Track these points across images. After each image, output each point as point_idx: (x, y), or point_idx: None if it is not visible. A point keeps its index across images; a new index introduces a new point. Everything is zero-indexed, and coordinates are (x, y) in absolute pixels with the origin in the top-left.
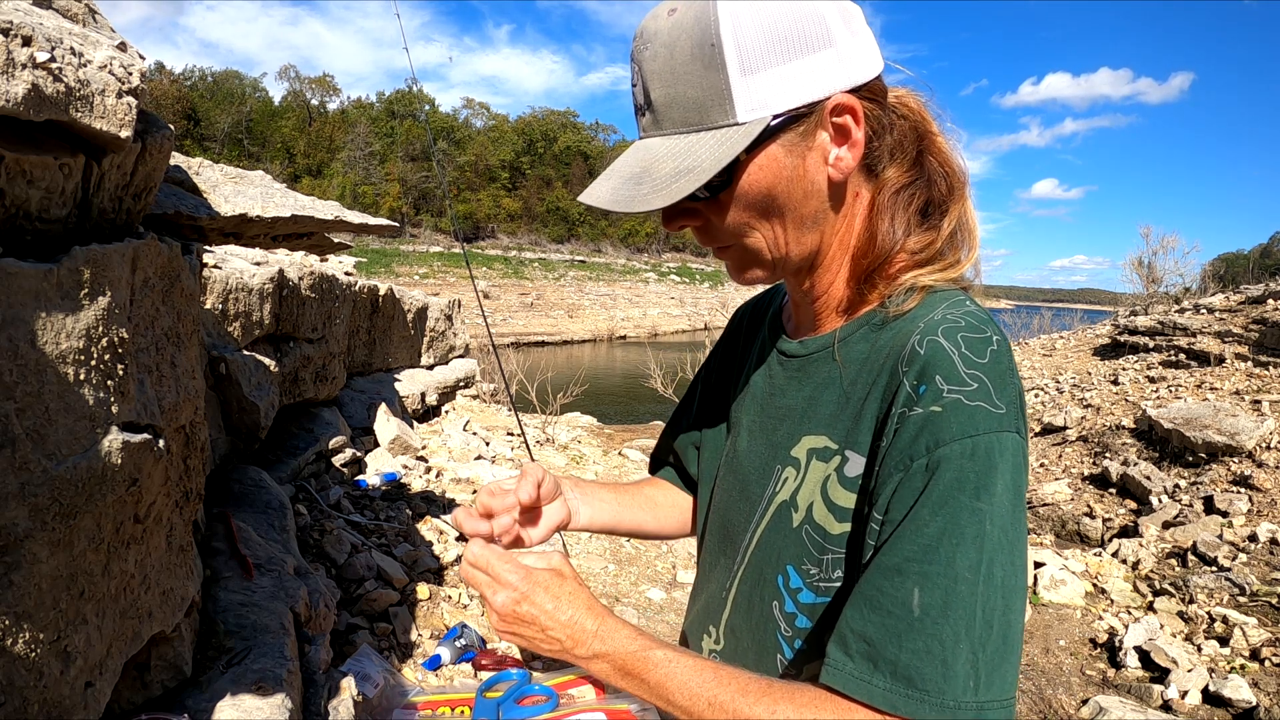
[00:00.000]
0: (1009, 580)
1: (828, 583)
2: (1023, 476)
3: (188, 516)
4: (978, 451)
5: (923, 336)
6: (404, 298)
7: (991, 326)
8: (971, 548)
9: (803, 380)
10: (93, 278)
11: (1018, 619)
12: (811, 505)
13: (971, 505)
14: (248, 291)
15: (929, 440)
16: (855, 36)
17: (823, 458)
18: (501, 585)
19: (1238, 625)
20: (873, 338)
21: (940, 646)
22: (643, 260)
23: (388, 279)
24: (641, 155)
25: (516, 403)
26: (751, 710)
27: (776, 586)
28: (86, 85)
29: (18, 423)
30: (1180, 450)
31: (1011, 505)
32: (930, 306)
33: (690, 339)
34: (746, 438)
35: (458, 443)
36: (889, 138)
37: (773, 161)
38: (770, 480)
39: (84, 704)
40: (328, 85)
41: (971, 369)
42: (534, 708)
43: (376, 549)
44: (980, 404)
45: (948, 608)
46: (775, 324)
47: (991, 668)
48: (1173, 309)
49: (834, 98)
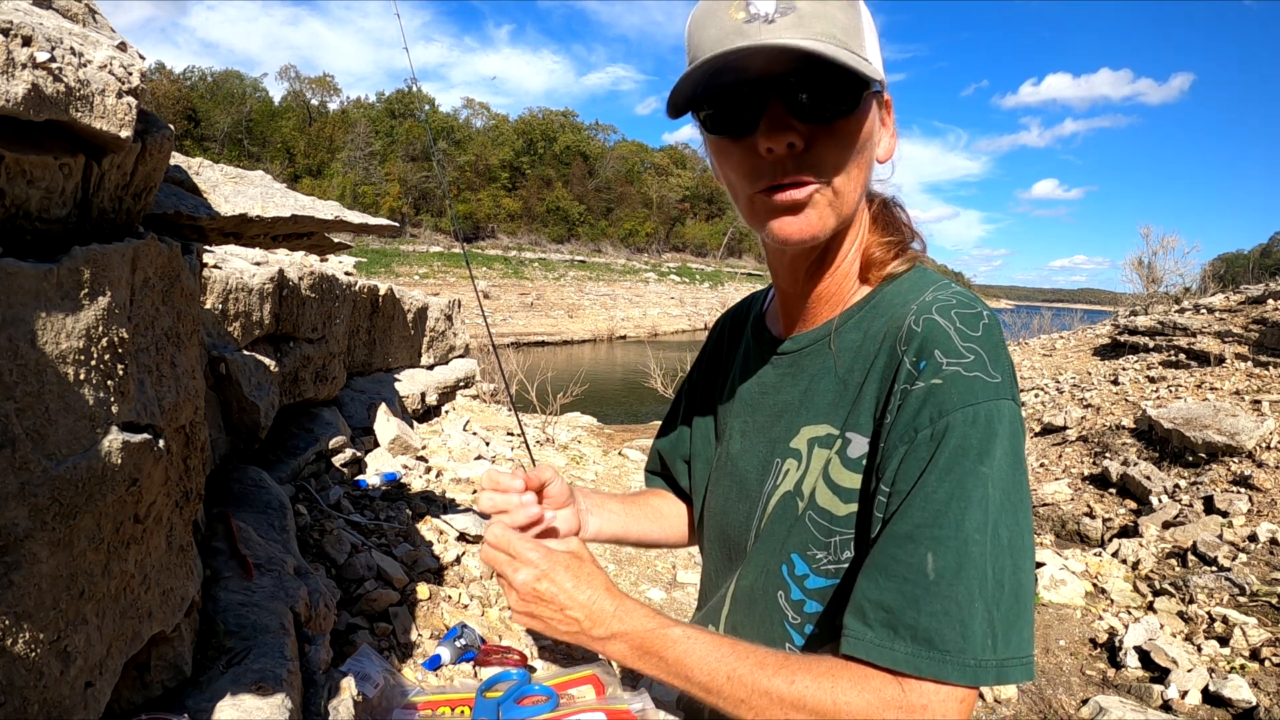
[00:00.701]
0: (1015, 541)
1: (836, 564)
2: (1020, 441)
3: (188, 516)
4: (978, 419)
5: (918, 316)
6: (404, 298)
7: (980, 303)
8: (978, 510)
9: (797, 374)
10: (93, 278)
11: (1028, 579)
12: (815, 491)
13: (975, 470)
14: (248, 291)
15: (932, 411)
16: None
17: (824, 444)
18: (523, 563)
19: (1238, 625)
20: (864, 325)
21: (957, 608)
22: (643, 260)
23: (388, 279)
24: (821, 19)
25: (516, 403)
26: (770, 682)
27: (781, 576)
28: (86, 85)
29: (18, 423)
30: (1180, 450)
31: (1011, 469)
32: (917, 290)
33: (690, 339)
34: (740, 440)
35: (458, 443)
36: None
37: (872, 116)
38: (769, 476)
39: (84, 704)
40: (328, 85)
41: (967, 342)
42: (534, 708)
43: (376, 549)
44: (978, 374)
45: (960, 569)
46: (758, 328)
47: (1008, 625)
48: (1173, 309)
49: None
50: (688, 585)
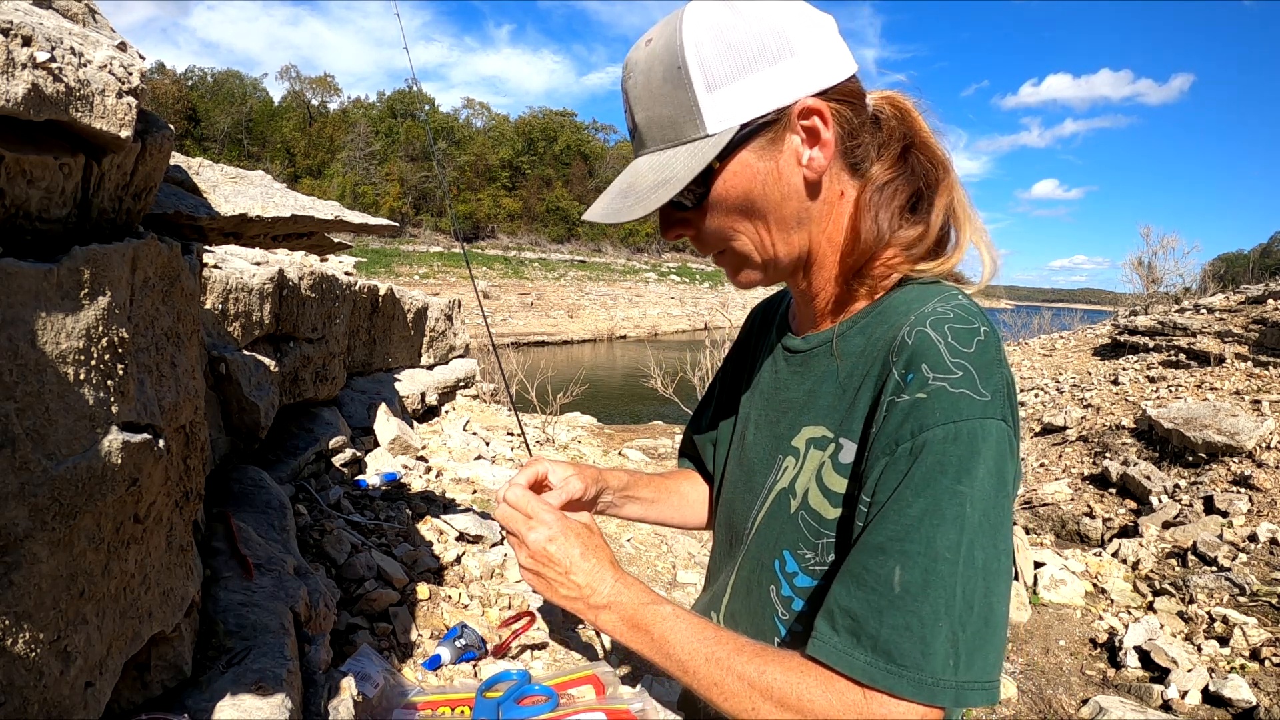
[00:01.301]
0: (990, 564)
1: (822, 566)
2: (1007, 463)
3: (188, 516)
4: (960, 436)
5: (911, 328)
6: (404, 297)
7: (980, 318)
8: (952, 529)
9: (804, 374)
10: (93, 278)
11: (1000, 603)
12: (808, 492)
13: (952, 488)
14: (248, 291)
15: (914, 425)
16: (821, 44)
17: (820, 446)
18: (539, 523)
19: (1238, 625)
20: (868, 331)
21: (920, 624)
22: (643, 260)
23: (388, 279)
24: (630, 172)
25: (516, 403)
26: (743, 668)
27: (774, 571)
28: (86, 85)
29: (17, 423)
30: (1180, 450)
31: (994, 490)
32: (924, 300)
33: (690, 339)
34: (753, 431)
35: (458, 443)
36: (868, 136)
37: (745, 167)
38: (772, 470)
39: (84, 704)
40: (328, 85)
41: (957, 358)
42: (534, 708)
43: (376, 549)
44: (964, 391)
45: (927, 586)
46: (782, 323)
47: (972, 648)
48: (1173, 309)
49: (800, 103)
50: (688, 585)
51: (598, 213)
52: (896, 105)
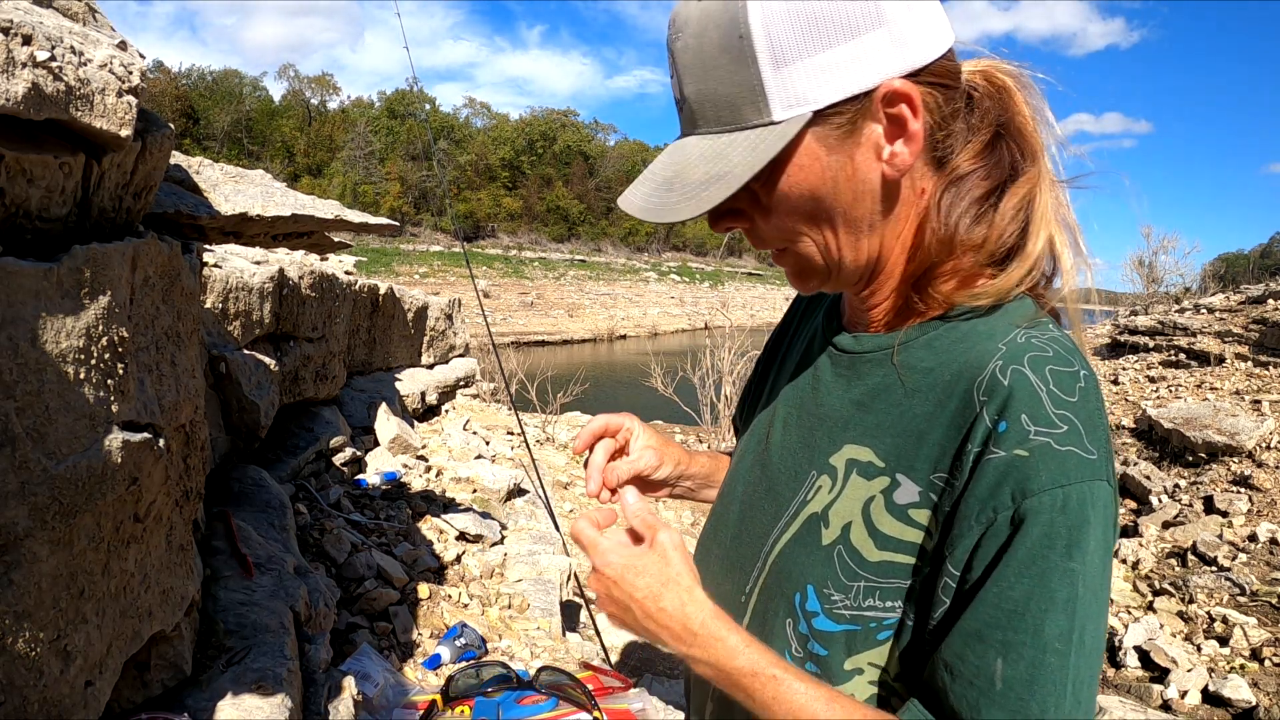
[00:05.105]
0: (1097, 644)
1: (854, 611)
2: (1112, 532)
3: (188, 516)
4: (1069, 504)
5: (1005, 364)
6: (404, 297)
7: (1078, 359)
8: (1062, 615)
9: (852, 381)
10: (93, 277)
11: (1096, 681)
12: (849, 525)
13: (1063, 565)
14: (248, 291)
15: (1014, 489)
16: (915, 10)
17: (864, 474)
18: (598, 565)
19: (1238, 625)
20: (939, 349)
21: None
22: (643, 260)
23: (388, 278)
24: (676, 158)
25: (517, 402)
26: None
27: (792, 604)
28: (87, 84)
29: (18, 422)
30: (1180, 450)
31: (1103, 563)
32: (1008, 324)
33: (690, 339)
34: (781, 430)
35: (458, 442)
36: (961, 123)
37: (815, 161)
38: (802, 486)
39: (84, 703)
40: (328, 84)
41: (1060, 408)
42: (534, 707)
43: (376, 548)
44: (1071, 448)
45: (1033, 682)
46: (832, 311)
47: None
48: (1173, 309)
49: (886, 85)
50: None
51: (638, 206)
52: (994, 81)
